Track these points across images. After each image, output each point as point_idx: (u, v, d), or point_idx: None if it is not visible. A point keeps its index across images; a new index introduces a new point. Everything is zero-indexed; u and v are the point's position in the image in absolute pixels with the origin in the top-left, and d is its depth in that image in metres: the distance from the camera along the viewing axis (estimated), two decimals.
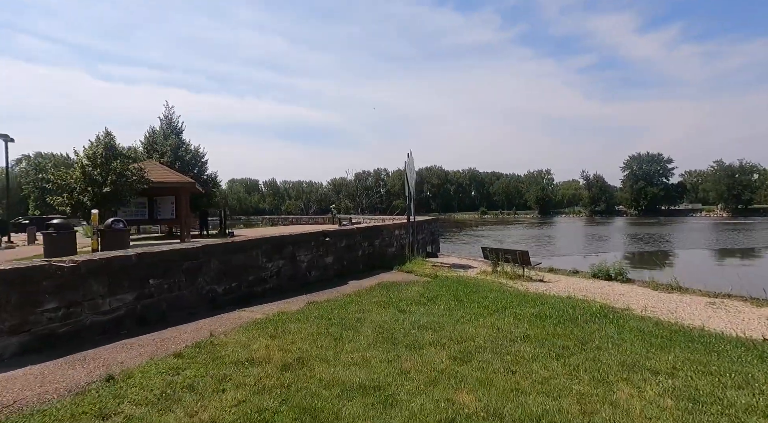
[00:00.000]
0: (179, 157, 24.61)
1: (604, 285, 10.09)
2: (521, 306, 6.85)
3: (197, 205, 23.88)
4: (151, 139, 25.95)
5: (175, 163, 23.79)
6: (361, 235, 11.88)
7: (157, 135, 26.04)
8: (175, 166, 23.15)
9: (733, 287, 9.36)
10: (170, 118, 26.80)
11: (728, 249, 29.24)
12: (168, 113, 26.89)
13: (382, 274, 11.19)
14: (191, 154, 25.59)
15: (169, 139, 25.20)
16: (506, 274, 10.91)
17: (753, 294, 8.52)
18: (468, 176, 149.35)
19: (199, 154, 26.70)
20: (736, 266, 21.94)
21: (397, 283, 9.20)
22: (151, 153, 24.73)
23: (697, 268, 19.62)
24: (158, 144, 25.22)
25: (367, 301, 6.88)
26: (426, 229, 18.76)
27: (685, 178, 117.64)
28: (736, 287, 11.04)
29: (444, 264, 13.95)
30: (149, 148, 25.50)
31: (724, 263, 23.58)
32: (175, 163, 23.75)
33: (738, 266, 21.97)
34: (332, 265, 10.22)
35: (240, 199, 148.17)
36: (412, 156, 14.47)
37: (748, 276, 17.49)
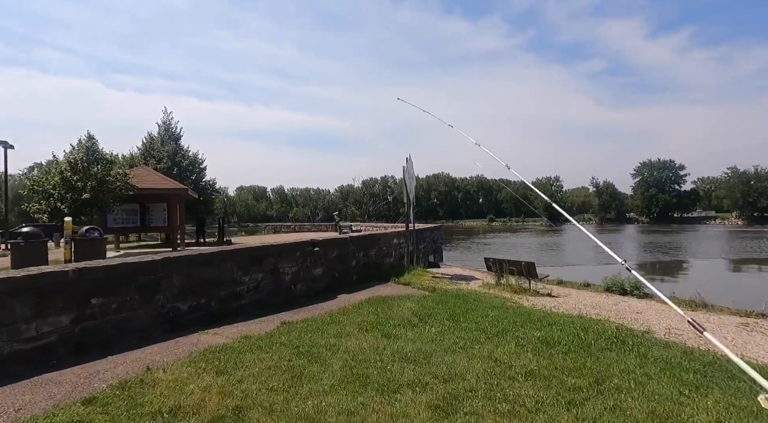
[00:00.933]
0: (176, 163, 24.11)
1: (619, 300, 9.17)
2: (525, 328, 5.99)
3: (194, 212, 23.39)
4: (148, 145, 25.55)
5: (173, 169, 23.32)
6: (355, 244, 11.11)
7: (155, 141, 25.63)
8: (173, 172, 22.69)
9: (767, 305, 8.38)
10: (168, 124, 26.41)
11: (749, 258, 27.87)
12: (166, 119, 26.55)
13: (378, 286, 10.39)
14: (189, 160, 25.08)
15: (167, 145, 24.74)
16: (510, 287, 10.03)
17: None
18: (476, 183, 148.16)
19: (198, 160, 26.24)
20: (762, 278, 20.71)
21: (390, 298, 8.39)
22: (147, 159, 24.33)
23: (719, 280, 18.47)
24: (155, 150, 24.79)
25: (350, 321, 6.09)
26: (428, 237, 17.93)
27: (697, 185, 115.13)
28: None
29: (445, 275, 13.11)
30: (146, 154, 25.09)
31: (747, 274, 22.33)
32: (172, 169, 23.27)
33: (760, 277, 20.74)
34: (321, 277, 9.45)
35: (248, 207, 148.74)
36: (412, 160, 13.71)
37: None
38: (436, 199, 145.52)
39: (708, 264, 25.93)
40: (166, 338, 5.10)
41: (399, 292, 9.52)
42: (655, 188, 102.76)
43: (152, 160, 23.83)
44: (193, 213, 23.20)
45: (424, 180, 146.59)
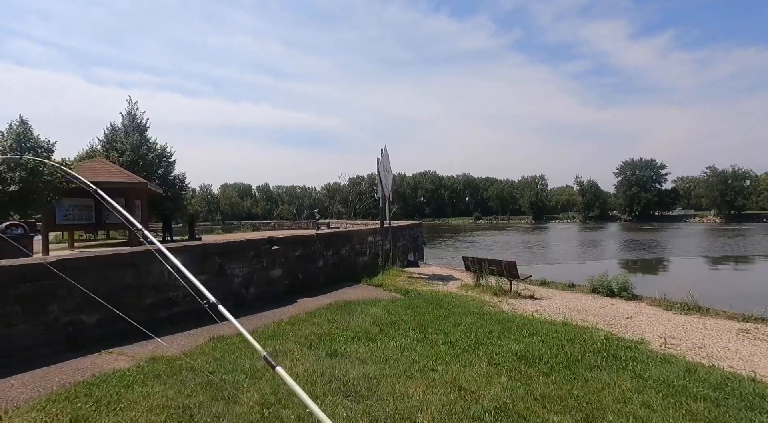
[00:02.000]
0: (141, 155, 22.57)
1: (606, 303, 8.43)
2: (502, 339, 5.15)
3: (162, 208, 21.95)
4: (110, 137, 23.88)
5: (138, 162, 21.80)
6: (323, 242, 10.14)
7: (118, 132, 23.99)
8: (138, 165, 21.19)
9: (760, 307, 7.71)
10: (133, 115, 24.74)
11: (731, 256, 27.84)
12: (131, 109, 24.83)
13: (346, 288, 9.47)
14: (155, 153, 23.50)
15: (130, 136, 23.14)
16: (490, 288, 9.22)
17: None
18: (462, 181, 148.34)
19: (166, 153, 24.67)
20: (742, 275, 20.48)
21: (354, 303, 7.47)
22: (109, 151, 22.75)
23: (707, 279, 18.09)
24: (118, 142, 23.20)
25: (296, 333, 5.15)
26: (407, 235, 17.06)
27: (677, 184, 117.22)
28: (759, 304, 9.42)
29: (423, 275, 12.26)
30: (108, 146, 23.47)
31: (733, 273, 22.12)
32: (137, 162, 21.75)
33: (745, 276, 20.51)
34: (281, 279, 8.46)
35: (232, 204, 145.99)
36: (387, 153, 12.79)
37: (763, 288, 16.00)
38: (423, 197, 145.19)
39: (692, 262, 25.74)
40: (55, 361, 4.08)
41: (368, 295, 8.62)
42: (637, 187, 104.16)
43: (114, 153, 22.29)
44: (160, 210, 21.79)
45: (411, 178, 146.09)
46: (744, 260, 26.20)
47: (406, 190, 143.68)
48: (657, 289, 10.10)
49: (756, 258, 26.88)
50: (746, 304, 9.80)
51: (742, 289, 15.41)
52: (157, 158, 23.33)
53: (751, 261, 25.79)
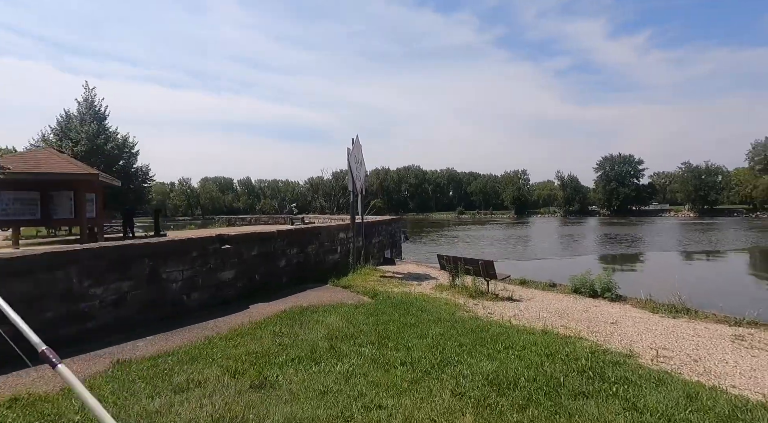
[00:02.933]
0: (98, 146, 20.94)
1: (589, 305, 7.83)
2: (473, 355, 4.41)
3: (122, 202, 20.46)
4: (64, 125, 22.10)
5: (95, 152, 20.18)
6: (286, 239, 9.25)
7: (73, 120, 22.22)
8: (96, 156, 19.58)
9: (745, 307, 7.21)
10: (91, 102, 22.92)
11: (709, 251, 28.08)
12: (88, 96, 22.99)
13: (310, 290, 8.63)
14: (114, 143, 21.82)
15: (86, 125, 21.42)
16: (466, 290, 8.52)
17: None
18: (446, 176, 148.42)
19: (128, 144, 23.01)
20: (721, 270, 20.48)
21: (313, 309, 6.64)
22: (63, 141, 21.05)
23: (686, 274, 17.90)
24: (72, 131, 21.48)
25: (227, 354, 4.29)
26: (384, 231, 16.28)
27: (654, 179, 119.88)
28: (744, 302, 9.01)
29: (397, 274, 11.51)
30: (61, 135, 21.72)
31: (710, 267, 22.16)
32: (93, 153, 20.15)
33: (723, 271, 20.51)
34: (233, 281, 7.55)
35: (213, 199, 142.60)
36: (360, 143, 11.92)
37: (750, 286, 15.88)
38: (407, 191, 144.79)
39: (672, 257, 25.81)
40: None
41: (332, 298, 7.80)
42: (616, 182, 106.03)
43: (68, 142, 20.62)
44: (120, 203, 20.31)
45: (395, 173, 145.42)
46: (720, 255, 26.43)
47: (390, 184, 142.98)
48: (641, 287, 9.61)
49: (730, 252, 27.18)
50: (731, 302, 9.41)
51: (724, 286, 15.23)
52: (116, 148, 21.63)
53: (726, 255, 26.02)
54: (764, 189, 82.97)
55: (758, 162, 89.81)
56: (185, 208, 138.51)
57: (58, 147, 19.35)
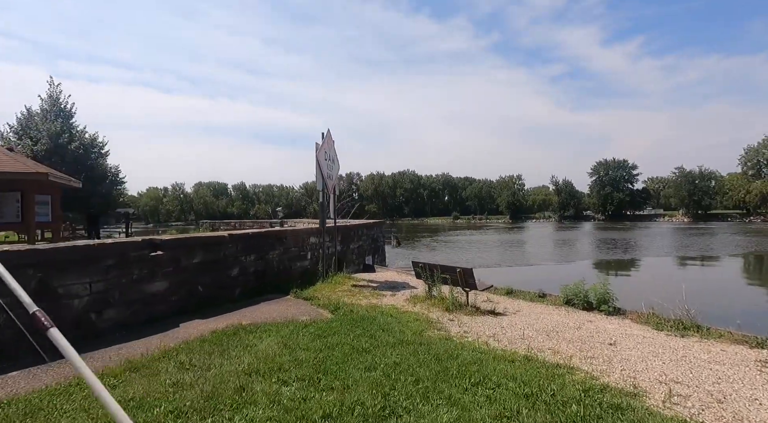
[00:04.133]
0: (61, 145, 19.59)
1: (583, 319, 6.76)
2: (429, 397, 3.33)
3: (88, 205, 19.16)
4: (24, 123, 20.72)
5: (56, 152, 18.83)
6: (240, 244, 8.13)
7: (34, 117, 20.84)
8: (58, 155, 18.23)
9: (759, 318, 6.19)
10: (55, 99, 21.51)
11: (708, 256, 27.21)
12: (52, 92, 21.60)
13: (264, 304, 7.52)
14: (79, 142, 20.37)
15: (48, 123, 20.03)
16: (443, 302, 7.42)
17: None
18: (441, 181, 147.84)
19: (96, 143, 21.66)
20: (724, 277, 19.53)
21: (251, 329, 5.53)
22: (22, 139, 19.70)
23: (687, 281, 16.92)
24: (32, 129, 20.11)
25: (83, 405, 3.17)
26: (364, 235, 15.19)
27: (648, 184, 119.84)
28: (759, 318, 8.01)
29: (373, 283, 10.40)
30: (21, 133, 20.34)
31: (711, 274, 21.25)
32: (54, 152, 18.81)
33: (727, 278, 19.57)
34: (166, 295, 6.42)
35: (206, 203, 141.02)
36: (332, 139, 10.85)
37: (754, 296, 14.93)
38: (402, 196, 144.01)
39: (670, 263, 24.90)
40: None
41: (284, 314, 6.70)
42: (610, 187, 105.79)
43: (28, 141, 19.27)
44: (86, 207, 19.00)
45: (389, 178, 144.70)
46: (717, 260, 25.56)
47: (385, 189, 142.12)
48: (641, 297, 8.56)
49: (730, 258, 26.31)
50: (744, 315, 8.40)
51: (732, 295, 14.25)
52: (82, 148, 20.24)
53: (726, 260, 25.14)
54: (757, 194, 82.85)
55: (751, 167, 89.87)
56: (178, 213, 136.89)
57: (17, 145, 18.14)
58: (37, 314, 1.30)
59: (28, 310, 1.31)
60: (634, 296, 9.51)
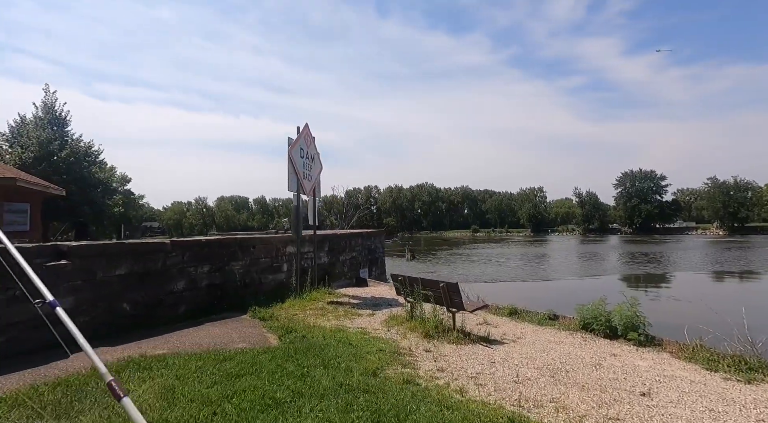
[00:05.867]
0: (51, 152, 19.05)
1: (604, 352, 5.13)
2: None
3: (75, 214, 18.48)
4: (16, 131, 20.35)
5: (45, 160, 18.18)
6: (186, 253, 6.88)
7: (28, 125, 20.50)
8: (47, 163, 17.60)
9: None
10: (50, 106, 21.14)
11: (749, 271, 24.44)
12: (47, 99, 21.13)
13: (208, 325, 6.23)
14: (69, 150, 19.76)
15: (39, 130, 19.56)
16: (423, 324, 5.91)
17: None
18: (460, 194, 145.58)
19: (90, 152, 21.13)
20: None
21: (150, 365, 4.21)
22: (13, 147, 19.29)
23: (738, 302, 14.73)
24: (23, 136, 19.65)
25: None
26: (359, 246, 13.77)
27: (678, 195, 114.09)
28: None
29: (355, 299, 8.99)
30: (13, 141, 19.96)
31: (756, 289, 18.76)
32: (43, 160, 18.19)
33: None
34: (70, 316, 5.16)
35: (228, 217, 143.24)
36: (311, 134, 9.60)
37: None
38: (420, 209, 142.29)
39: (709, 278, 22.39)
40: None
41: (218, 339, 5.36)
42: (637, 199, 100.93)
43: (17, 149, 18.84)
44: (74, 216, 18.34)
45: (408, 190, 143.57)
46: (764, 276, 22.82)
47: (404, 202, 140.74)
48: (680, 321, 6.81)
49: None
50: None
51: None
52: (72, 155, 19.66)
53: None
54: None
55: None
56: (201, 226, 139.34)
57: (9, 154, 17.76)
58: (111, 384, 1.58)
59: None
60: (671, 320, 7.73)
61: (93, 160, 21.40)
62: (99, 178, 20.83)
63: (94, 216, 19.65)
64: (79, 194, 17.85)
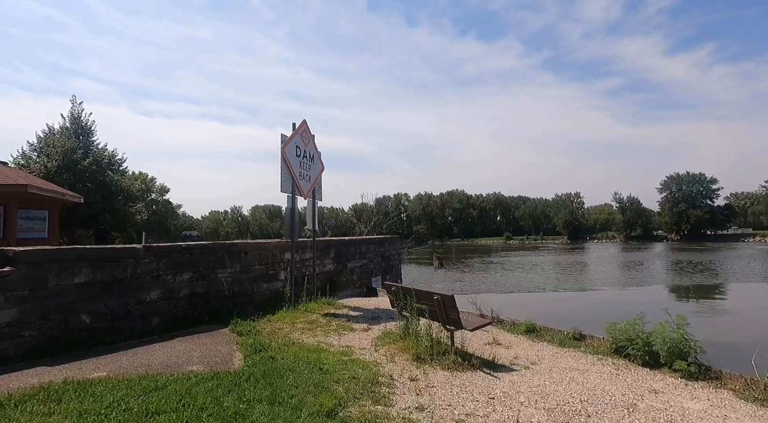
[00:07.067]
0: (74, 161, 19.60)
1: (642, 387, 3.99)
2: None
3: (97, 222, 18.80)
4: (45, 141, 21.11)
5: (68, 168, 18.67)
6: (161, 260, 6.30)
7: (55, 135, 21.25)
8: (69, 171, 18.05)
9: None
10: (77, 117, 21.84)
11: None
12: (74, 110, 21.96)
13: (176, 340, 5.57)
14: (92, 157, 20.28)
15: (63, 139, 20.24)
16: (419, 343, 4.95)
17: None
18: (492, 200, 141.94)
19: (114, 161, 21.66)
20: None
21: (58, 395, 3.53)
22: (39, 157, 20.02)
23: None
24: (50, 146, 20.36)
25: None
26: (371, 253, 12.95)
27: (731, 200, 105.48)
28: None
29: (356, 311, 8.15)
30: (39, 151, 20.73)
31: None
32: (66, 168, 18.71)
33: None
34: (13, 330, 4.64)
35: (261, 226, 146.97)
36: (309, 131, 8.90)
37: None
38: (450, 216, 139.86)
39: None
40: None
41: (176, 358, 4.68)
42: (685, 203, 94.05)
43: (43, 158, 19.54)
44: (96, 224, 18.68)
45: (438, 197, 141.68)
46: None
47: (434, 209, 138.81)
48: (744, 342, 5.47)
49: None
50: None
51: None
52: (94, 164, 20.16)
53: None
54: None
55: None
56: (236, 235, 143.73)
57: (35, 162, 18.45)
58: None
59: None
60: (732, 343, 6.32)
61: (116, 169, 22.04)
62: (121, 185, 21.39)
63: (115, 223, 20.10)
64: (101, 202, 18.29)
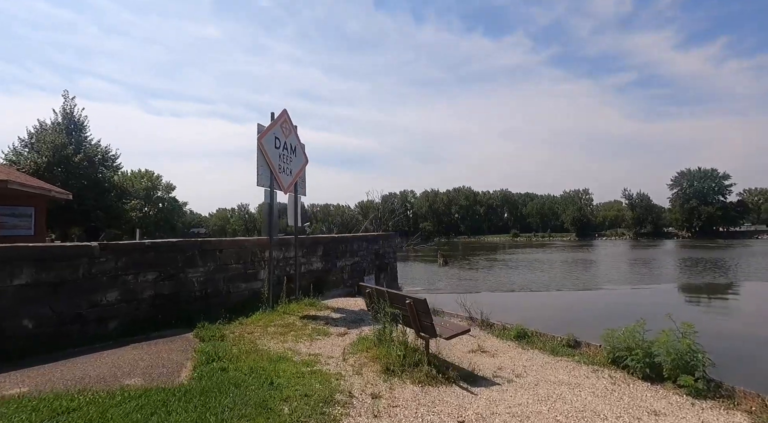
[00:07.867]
0: (65, 157, 19.31)
1: (640, 411, 3.42)
2: None
3: (88, 219, 18.52)
4: (36, 137, 20.85)
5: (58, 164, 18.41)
6: (121, 258, 5.85)
7: (46, 131, 20.88)
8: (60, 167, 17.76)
9: None
10: (69, 112, 21.56)
11: None
12: (67, 105, 21.60)
13: (130, 346, 5.15)
14: (83, 154, 19.97)
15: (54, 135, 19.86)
16: (392, 350, 4.42)
17: None
18: (499, 197, 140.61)
19: (107, 158, 21.35)
20: None
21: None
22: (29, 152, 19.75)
23: None
24: (40, 142, 20.09)
25: None
26: (363, 250, 12.42)
27: (744, 196, 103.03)
28: None
29: (338, 313, 7.65)
30: (30, 147, 20.47)
31: None
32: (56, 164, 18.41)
33: None
34: None
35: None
36: (290, 121, 8.38)
37: None
38: (457, 214, 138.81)
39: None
40: None
41: (113, 369, 4.23)
42: (696, 200, 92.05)
43: (33, 154, 19.27)
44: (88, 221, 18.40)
45: (444, 194, 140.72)
46: None
47: (440, 206, 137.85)
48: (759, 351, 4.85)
49: None
50: None
51: None
52: (86, 160, 19.84)
53: None
54: None
55: None
56: (243, 232, 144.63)
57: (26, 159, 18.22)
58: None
59: None
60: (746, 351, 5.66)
61: (110, 165, 21.75)
62: (114, 182, 21.04)
63: (108, 220, 19.82)
64: (93, 199, 18.05)
